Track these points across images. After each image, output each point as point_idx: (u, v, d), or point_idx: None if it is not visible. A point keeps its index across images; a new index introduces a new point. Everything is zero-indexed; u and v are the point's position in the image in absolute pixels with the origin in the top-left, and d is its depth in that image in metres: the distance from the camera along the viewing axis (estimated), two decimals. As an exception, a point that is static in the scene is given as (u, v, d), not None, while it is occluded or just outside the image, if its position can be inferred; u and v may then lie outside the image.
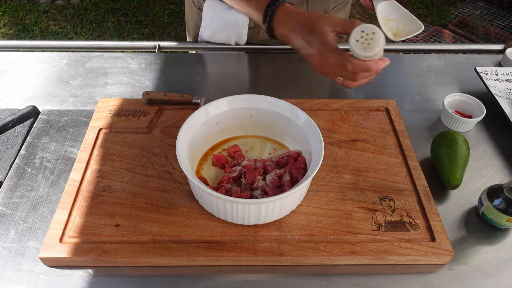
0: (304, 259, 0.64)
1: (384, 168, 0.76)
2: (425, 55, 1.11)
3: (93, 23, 2.85)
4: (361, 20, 2.97)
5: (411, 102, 0.95)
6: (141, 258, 0.63)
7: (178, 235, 0.65)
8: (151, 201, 0.70)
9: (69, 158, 0.79)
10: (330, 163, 0.77)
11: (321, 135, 0.69)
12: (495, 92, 0.92)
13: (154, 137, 0.80)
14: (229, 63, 1.05)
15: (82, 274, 0.64)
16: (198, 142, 0.74)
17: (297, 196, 0.67)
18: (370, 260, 0.64)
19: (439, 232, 0.66)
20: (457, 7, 2.79)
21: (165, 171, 0.74)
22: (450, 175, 0.73)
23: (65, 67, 1.02)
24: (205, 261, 0.64)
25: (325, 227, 0.67)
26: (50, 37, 2.74)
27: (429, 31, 2.56)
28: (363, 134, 0.82)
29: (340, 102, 0.89)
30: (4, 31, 2.75)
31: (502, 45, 1.13)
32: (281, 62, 1.05)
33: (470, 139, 0.85)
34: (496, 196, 0.68)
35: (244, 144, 0.80)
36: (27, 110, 0.86)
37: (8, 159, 0.79)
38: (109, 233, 0.65)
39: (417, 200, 0.71)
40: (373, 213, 0.69)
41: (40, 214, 0.70)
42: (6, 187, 0.74)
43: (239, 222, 0.66)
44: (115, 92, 0.95)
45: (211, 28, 1.02)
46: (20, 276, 0.63)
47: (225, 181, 0.70)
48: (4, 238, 0.67)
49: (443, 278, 0.64)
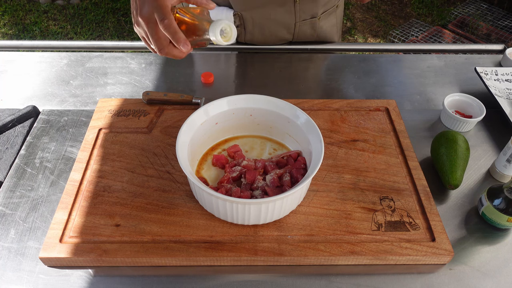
0: (304, 259, 0.64)
1: (384, 168, 0.76)
2: (425, 55, 1.11)
3: (93, 23, 2.85)
4: (362, 20, 2.97)
5: (411, 102, 0.95)
6: (141, 258, 0.63)
7: (178, 235, 0.65)
8: (151, 201, 0.70)
9: (69, 158, 0.79)
10: (330, 163, 0.77)
11: (321, 135, 0.69)
12: (495, 92, 0.92)
13: (154, 137, 0.80)
14: (229, 63, 1.05)
15: (82, 274, 0.64)
16: (198, 142, 0.74)
17: (297, 196, 0.67)
18: (370, 260, 0.64)
19: (439, 232, 0.66)
20: (457, 7, 2.79)
21: (165, 171, 0.74)
22: (450, 175, 0.73)
23: (65, 67, 1.02)
24: (205, 261, 0.64)
25: (325, 227, 0.67)
26: (50, 37, 2.74)
27: (429, 31, 2.56)
28: (363, 134, 0.82)
29: (340, 102, 0.89)
30: (4, 31, 2.75)
31: (502, 45, 1.13)
32: (281, 62, 1.05)
33: (470, 139, 0.85)
34: (496, 196, 0.68)
35: (244, 144, 0.80)
36: (27, 110, 0.86)
37: (8, 159, 0.79)
38: (109, 233, 0.65)
39: (417, 200, 0.71)
40: (373, 213, 0.69)
41: (40, 214, 0.70)
42: (6, 187, 0.74)
43: (239, 222, 0.66)
44: (115, 92, 0.95)
45: None
46: (20, 276, 0.63)
47: (225, 181, 0.70)
48: (4, 238, 0.67)
49: (443, 278, 0.64)
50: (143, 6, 0.63)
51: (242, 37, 1.04)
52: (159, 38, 0.64)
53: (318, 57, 1.09)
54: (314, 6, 1.01)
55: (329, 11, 1.06)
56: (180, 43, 0.62)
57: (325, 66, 1.07)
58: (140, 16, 0.63)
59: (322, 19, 1.05)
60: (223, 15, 0.99)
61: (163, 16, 0.61)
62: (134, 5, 0.65)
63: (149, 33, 0.64)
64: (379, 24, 2.96)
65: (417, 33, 2.57)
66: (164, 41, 0.64)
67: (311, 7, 1.01)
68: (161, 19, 0.61)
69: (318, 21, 1.04)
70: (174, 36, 0.62)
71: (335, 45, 1.12)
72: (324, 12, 1.05)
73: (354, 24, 2.97)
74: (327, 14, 1.06)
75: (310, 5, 1.00)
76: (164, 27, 0.62)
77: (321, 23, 1.06)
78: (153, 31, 0.63)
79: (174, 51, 0.65)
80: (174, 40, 0.62)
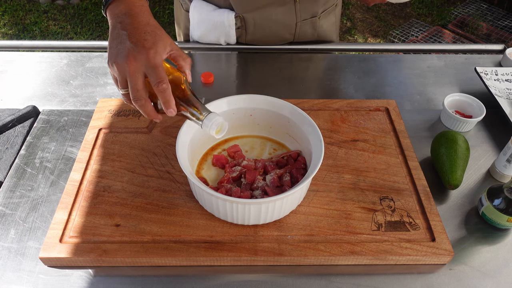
0: (304, 259, 0.64)
1: (384, 168, 0.76)
2: (425, 55, 1.11)
3: (93, 23, 2.85)
4: (362, 20, 2.97)
5: (411, 102, 0.95)
6: (141, 258, 0.63)
7: (178, 235, 0.65)
8: (151, 201, 0.70)
9: (69, 158, 0.79)
10: (330, 163, 0.77)
11: (321, 135, 0.69)
12: (495, 92, 0.92)
13: (154, 137, 0.80)
14: (229, 63, 1.05)
15: (82, 274, 0.64)
16: (198, 142, 0.74)
17: (297, 196, 0.67)
18: (370, 260, 0.64)
19: (439, 232, 0.66)
20: (457, 7, 2.79)
21: (165, 171, 0.74)
22: (450, 175, 0.73)
23: (65, 67, 1.02)
24: (205, 261, 0.64)
25: (325, 227, 0.67)
26: (50, 37, 2.74)
27: (429, 31, 2.56)
28: (363, 134, 0.82)
29: (340, 102, 0.89)
30: (4, 31, 2.75)
31: (502, 45, 1.13)
32: (281, 62, 1.05)
33: (470, 139, 0.85)
34: (496, 196, 0.68)
35: (244, 144, 0.80)
36: (27, 110, 0.86)
37: (8, 159, 0.79)
38: (109, 233, 0.65)
39: (417, 200, 0.71)
40: (373, 213, 0.69)
41: (40, 214, 0.70)
42: (6, 187, 0.74)
43: (239, 222, 0.66)
44: (115, 92, 0.95)
45: (200, 29, 1.03)
46: (20, 276, 0.63)
47: (225, 181, 0.70)
48: (4, 238, 0.67)
49: (443, 278, 0.64)
50: (133, 53, 0.57)
51: (243, 38, 1.04)
52: (141, 90, 0.59)
53: (318, 57, 1.09)
54: (314, 5, 1.01)
55: (328, 10, 1.06)
56: (168, 109, 0.60)
57: (325, 66, 1.06)
58: (127, 62, 0.57)
59: (322, 18, 1.05)
60: (224, 17, 0.99)
61: (160, 78, 0.58)
62: (116, 44, 0.59)
63: (132, 82, 0.58)
64: (379, 24, 2.96)
65: (417, 33, 2.57)
66: (144, 94, 0.60)
67: (311, 6, 1.01)
68: (158, 81, 0.58)
69: (318, 20, 1.04)
70: (168, 102, 0.59)
71: (335, 45, 1.12)
72: (324, 11, 1.05)
73: (354, 24, 2.97)
74: (326, 13, 1.06)
75: (310, 4, 1.00)
76: (160, 90, 0.58)
77: (321, 22, 1.06)
78: (138, 81, 0.58)
79: (149, 108, 0.61)
80: (165, 104, 0.59)
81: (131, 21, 0.60)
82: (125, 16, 0.61)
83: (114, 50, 0.59)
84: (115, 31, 0.60)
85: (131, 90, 0.59)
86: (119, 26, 0.60)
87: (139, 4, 0.63)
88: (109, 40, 0.61)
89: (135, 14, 0.61)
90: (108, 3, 0.63)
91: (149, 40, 0.59)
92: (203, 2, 1.00)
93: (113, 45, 0.60)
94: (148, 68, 0.58)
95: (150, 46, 0.58)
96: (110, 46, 0.60)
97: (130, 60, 0.57)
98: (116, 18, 0.61)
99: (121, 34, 0.59)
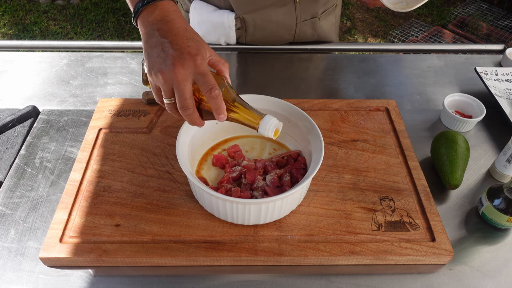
0: (304, 259, 0.64)
1: (384, 168, 0.76)
2: (425, 55, 1.11)
3: (93, 23, 2.85)
4: (361, 20, 2.97)
5: (411, 102, 0.95)
6: (141, 258, 0.63)
7: (178, 235, 0.65)
8: (151, 201, 0.70)
9: (69, 158, 0.79)
10: (330, 163, 0.77)
11: (321, 135, 0.69)
12: (495, 92, 0.92)
13: (154, 137, 0.80)
14: (229, 63, 1.05)
15: (82, 274, 0.64)
16: (198, 142, 0.74)
17: (297, 196, 0.67)
18: (370, 260, 0.64)
19: (439, 232, 0.66)
20: (457, 7, 2.79)
21: (165, 171, 0.74)
22: (450, 175, 0.73)
23: (65, 67, 1.02)
24: (205, 261, 0.64)
25: (325, 227, 0.67)
26: (50, 37, 2.74)
27: (429, 31, 2.56)
28: (363, 134, 0.82)
29: (340, 102, 0.89)
30: (4, 31, 2.75)
31: (502, 45, 1.13)
32: (281, 62, 1.05)
33: (470, 139, 0.85)
34: (496, 196, 0.68)
35: (244, 144, 0.80)
36: (27, 110, 0.86)
37: (8, 159, 0.79)
38: (109, 233, 0.65)
39: (417, 200, 0.71)
40: (373, 213, 0.69)
41: (40, 214, 0.70)
42: (6, 187, 0.74)
43: (239, 222, 0.66)
44: (115, 92, 0.95)
45: (200, 30, 1.03)
46: (20, 276, 0.63)
47: (225, 181, 0.70)
48: (4, 238, 0.67)
49: (443, 278, 0.64)
50: (180, 60, 0.55)
51: (243, 38, 1.04)
52: (189, 98, 0.57)
53: (318, 57, 1.09)
54: (314, 6, 1.01)
55: (328, 11, 1.06)
56: (220, 115, 0.58)
57: (325, 66, 1.07)
58: (174, 70, 0.55)
59: (322, 19, 1.05)
60: (224, 18, 0.99)
61: (211, 84, 0.56)
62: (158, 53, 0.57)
63: (180, 90, 0.56)
64: (379, 24, 2.96)
65: (417, 33, 2.57)
66: (192, 102, 0.58)
67: (312, 7, 1.01)
68: (210, 87, 0.56)
69: (318, 20, 1.05)
70: (220, 108, 0.58)
71: (335, 45, 1.12)
72: (324, 12, 1.05)
73: (354, 24, 2.97)
74: (326, 14, 1.06)
75: (310, 5, 1.00)
76: (212, 97, 0.56)
77: (321, 22, 1.06)
78: (186, 90, 0.56)
79: (196, 116, 0.59)
80: (217, 110, 0.58)
81: (169, 27, 0.58)
82: (161, 23, 0.58)
83: (156, 59, 0.56)
84: (153, 39, 0.58)
85: (178, 99, 0.57)
86: (157, 33, 0.57)
87: (173, 9, 0.60)
88: (147, 49, 0.58)
89: (172, 20, 0.58)
90: (139, 12, 0.60)
91: (192, 46, 0.57)
92: (203, 3, 1.00)
93: (154, 54, 0.57)
94: (197, 75, 0.56)
95: (195, 53, 0.56)
96: (150, 55, 0.57)
97: (178, 68, 0.55)
98: (151, 26, 0.59)
99: (161, 42, 0.57)
